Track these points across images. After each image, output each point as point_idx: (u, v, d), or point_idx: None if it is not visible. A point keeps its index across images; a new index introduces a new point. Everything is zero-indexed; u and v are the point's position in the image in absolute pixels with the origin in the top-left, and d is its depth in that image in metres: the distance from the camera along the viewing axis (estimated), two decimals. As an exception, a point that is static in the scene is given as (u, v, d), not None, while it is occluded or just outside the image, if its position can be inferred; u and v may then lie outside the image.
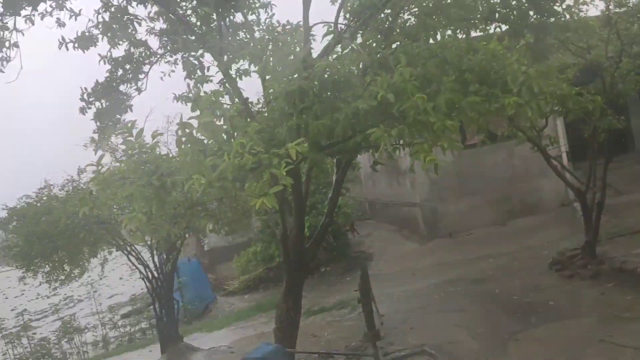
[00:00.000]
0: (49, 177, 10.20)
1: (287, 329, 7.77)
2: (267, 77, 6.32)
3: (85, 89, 7.92)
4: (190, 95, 7.58)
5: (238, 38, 7.75)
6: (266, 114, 6.49)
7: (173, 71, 8.42)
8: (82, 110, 8.10)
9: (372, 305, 6.68)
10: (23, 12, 7.13)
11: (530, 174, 14.18)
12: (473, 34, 7.73)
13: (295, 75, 5.91)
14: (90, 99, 7.98)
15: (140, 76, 8.48)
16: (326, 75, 5.84)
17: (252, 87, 7.70)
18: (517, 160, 14.13)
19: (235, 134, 5.73)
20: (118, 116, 8.94)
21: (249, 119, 6.43)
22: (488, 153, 14.05)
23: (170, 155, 6.83)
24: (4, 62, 7.30)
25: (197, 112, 5.86)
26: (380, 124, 5.41)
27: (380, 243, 15.81)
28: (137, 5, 7.74)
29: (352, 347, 8.32)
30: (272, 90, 6.11)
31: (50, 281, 10.09)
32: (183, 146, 5.71)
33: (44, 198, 9.80)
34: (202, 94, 6.13)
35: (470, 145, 13.37)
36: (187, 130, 5.65)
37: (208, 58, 7.60)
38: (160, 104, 8.24)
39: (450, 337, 7.95)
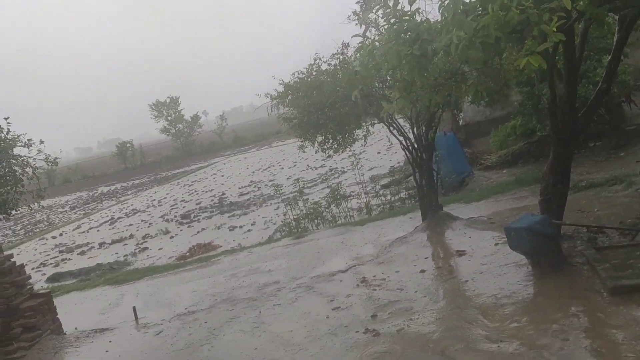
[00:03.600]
0: (318, 51, 10.86)
1: (553, 201, 7.47)
2: None
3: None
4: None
5: None
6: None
7: None
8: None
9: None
10: None
11: None
12: None
13: None
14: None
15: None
16: None
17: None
18: None
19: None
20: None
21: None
22: None
23: (430, 21, 6.72)
24: None
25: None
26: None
27: (664, 115, 13.86)
28: None
29: (628, 224, 7.67)
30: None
31: (324, 149, 11.06)
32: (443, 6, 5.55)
33: (314, 73, 10.54)
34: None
35: None
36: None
37: None
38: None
39: None
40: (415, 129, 11.00)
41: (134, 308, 9.53)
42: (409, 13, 6.54)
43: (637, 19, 7.32)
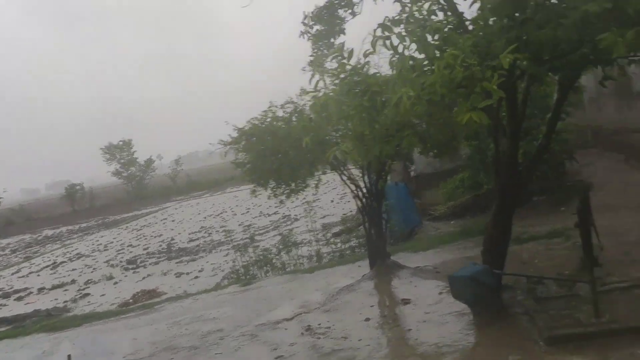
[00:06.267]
0: (273, 98, 11.00)
1: (495, 252, 7.63)
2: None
3: (309, 13, 8.28)
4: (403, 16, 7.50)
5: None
6: (482, 28, 6.16)
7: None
8: (303, 34, 8.49)
9: (592, 231, 6.19)
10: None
11: None
12: None
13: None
14: (311, 23, 8.32)
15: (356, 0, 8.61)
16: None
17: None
18: None
19: (447, 49, 5.60)
20: (332, 40, 9.25)
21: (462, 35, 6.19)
22: None
23: (380, 74, 6.94)
24: None
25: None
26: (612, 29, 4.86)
27: (602, 172, 14.48)
28: None
29: (566, 275, 7.89)
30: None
31: (277, 195, 11.09)
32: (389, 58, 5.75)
33: (268, 120, 10.64)
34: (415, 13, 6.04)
35: None
36: (386, 33, 5.65)
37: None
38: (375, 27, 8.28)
39: (684, 273, 7.11)
40: (366, 177, 11.16)
41: (68, 357, 9.13)
42: (359, 66, 6.75)
43: (574, 80, 7.73)
